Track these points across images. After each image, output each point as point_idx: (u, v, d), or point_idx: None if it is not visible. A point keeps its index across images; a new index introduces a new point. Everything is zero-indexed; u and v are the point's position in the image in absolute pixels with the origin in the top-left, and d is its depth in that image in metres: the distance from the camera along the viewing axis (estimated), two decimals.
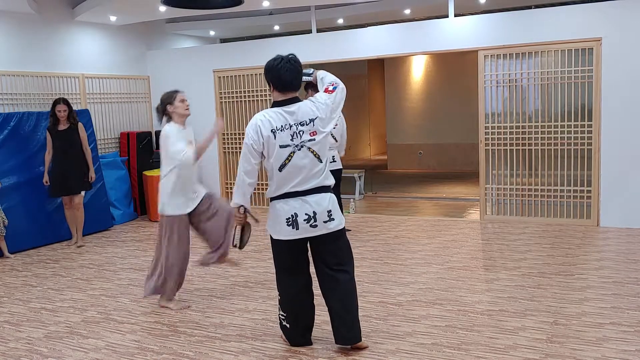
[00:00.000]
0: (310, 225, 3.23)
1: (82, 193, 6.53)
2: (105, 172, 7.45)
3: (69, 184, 6.41)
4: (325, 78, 3.54)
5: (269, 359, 3.35)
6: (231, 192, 9.01)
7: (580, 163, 6.43)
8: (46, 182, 6.44)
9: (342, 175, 6.53)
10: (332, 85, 3.43)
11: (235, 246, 3.57)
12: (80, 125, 6.50)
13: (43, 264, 5.81)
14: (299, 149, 3.21)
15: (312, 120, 3.23)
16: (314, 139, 3.22)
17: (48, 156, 6.43)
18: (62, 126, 6.40)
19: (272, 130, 3.20)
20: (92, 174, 6.58)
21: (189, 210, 4.24)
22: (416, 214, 7.65)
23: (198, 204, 4.28)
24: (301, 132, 3.21)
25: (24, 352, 3.62)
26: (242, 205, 3.40)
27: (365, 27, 7.62)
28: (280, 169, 3.22)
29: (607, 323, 3.63)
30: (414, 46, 7.21)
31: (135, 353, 3.52)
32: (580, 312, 3.84)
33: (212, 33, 10.14)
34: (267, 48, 7.88)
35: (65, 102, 6.41)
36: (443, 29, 6.95)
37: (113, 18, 7.77)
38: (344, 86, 3.46)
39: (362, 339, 3.44)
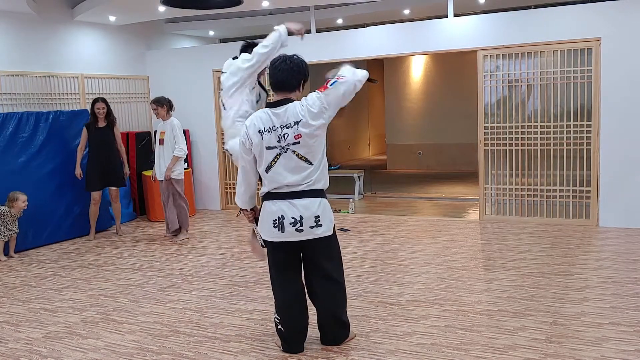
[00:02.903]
0: (296, 230, 3.19)
1: (118, 187, 7.01)
2: None
3: (108, 178, 6.83)
4: (339, 72, 3.33)
5: (269, 359, 3.35)
6: (230, 192, 8.98)
7: (579, 163, 6.43)
8: (79, 175, 6.82)
9: (342, 175, 6.61)
10: (334, 79, 3.23)
11: (263, 246, 3.48)
12: (116, 125, 6.93)
13: (42, 264, 5.80)
14: (285, 152, 3.17)
15: (296, 123, 3.14)
16: (299, 142, 3.15)
17: (81, 151, 6.83)
18: (100, 124, 6.79)
19: (259, 131, 3.19)
20: (127, 170, 7.05)
21: None
22: (415, 214, 7.65)
23: None
24: (286, 135, 3.15)
25: (23, 352, 3.62)
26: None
27: (364, 27, 7.61)
28: (267, 170, 3.22)
29: (606, 323, 3.63)
30: (413, 46, 7.20)
31: (135, 353, 3.52)
32: (580, 312, 3.84)
33: (211, 33, 10.13)
34: None
35: (104, 100, 6.82)
36: (442, 29, 6.95)
37: (112, 18, 7.76)
38: (350, 79, 3.22)
39: (359, 337, 3.50)
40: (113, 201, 7.03)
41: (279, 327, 3.42)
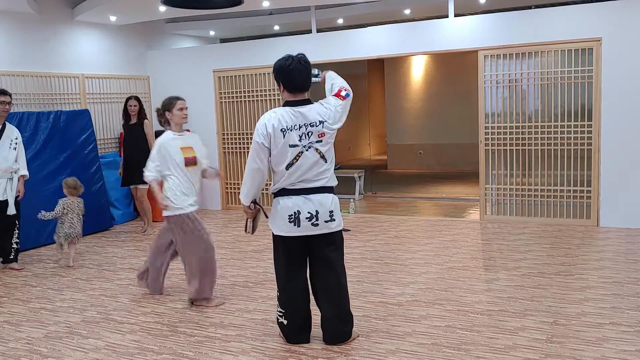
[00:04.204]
0: (312, 224, 3.29)
1: (145, 186, 6.85)
2: (105, 172, 7.45)
3: (133, 175, 6.85)
4: (336, 81, 3.52)
5: (269, 359, 3.35)
6: (231, 192, 8.97)
7: (580, 163, 6.42)
8: (120, 173, 7.09)
9: (343, 175, 6.57)
10: (345, 91, 3.42)
11: (247, 232, 3.63)
12: (146, 121, 6.95)
13: (43, 264, 5.80)
14: (307, 150, 3.26)
15: (321, 122, 3.27)
16: (322, 141, 3.28)
17: (122, 150, 7.08)
18: (132, 121, 6.92)
19: (281, 130, 3.25)
20: None
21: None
22: (416, 214, 7.65)
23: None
24: (310, 133, 3.26)
25: (24, 352, 3.62)
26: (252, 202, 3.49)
27: (365, 27, 7.61)
28: (287, 168, 3.28)
29: (606, 323, 3.63)
30: (414, 46, 7.20)
31: (135, 353, 3.52)
32: (580, 312, 3.84)
33: (212, 33, 10.14)
34: (267, 48, 7.88)
35: (137, 99, 6.94)
36: (443, 29, 6.95)
37: (113, 18, 7.77)
38: (351, 93, 3.47)
39: (360, 337, 3.53)
40: (139, 200, 6.99)
41: (281, 320, 3.50)
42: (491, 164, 6.87)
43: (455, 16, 6.95)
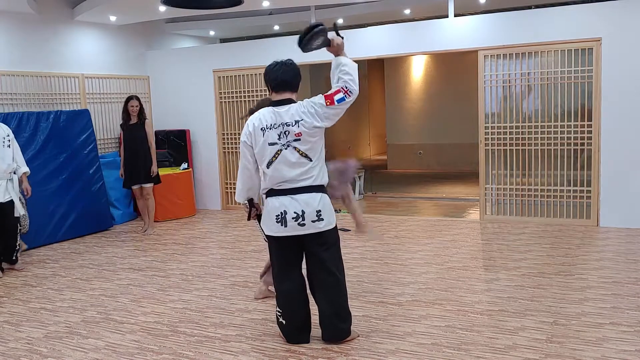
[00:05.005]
0: (299, 224, 3.30)
1: (150, 184, 6.98)
2: (105, 172, 7.45)
3: (136, 175, 6.89)
4: (342, 77, 3.30)
5: (269, 359, 3.35)
6: (231, 192, 8.97)
7: (580, 163, 6.42)
8: (121, 174, 7.01)
9: None
10: (343, 93, 3.26)
11: (266, 241, 3.65)
12: (147, 121, 6.96)
13: (43, 264, 5.80)
14: (286, 148, 3.29)
15: (297, 122, 3.28)
16: (299, 139, 3.29)
17: (121, 150, 6.98)
18: (132, 121, 6.91)
19: (261, 128, 3.32)
20: (154, 168, 6.94)
21: None
22: (416, 214, 7.65)
23: None
24: (287, 133, 3.29)
25: (24, 352, 3.62)
26: (249, 200, 3.55)
27: (365, 27, 7.61)
28: (268, 166, 3.33)
29: (606, 323, 3.63)
30: (414, 46, 7.20)
31: (135, 353, 3.52)
32: (580, 312, 3.84)
33: (212, 33, 10.14)
34: (267, 48, 7.88)
35: (138, 98, 6.94)
36: (443, 29, 6.95)
37: (113, 18, 7.76)
38: (354, 97, 3.29)
39: (360, 337, 3.54)
40: (143, 198, 7.03)
41: (280, 319, 3.51)
42: (491, 164, 6.87)
43: (455, 16, 6.95)
